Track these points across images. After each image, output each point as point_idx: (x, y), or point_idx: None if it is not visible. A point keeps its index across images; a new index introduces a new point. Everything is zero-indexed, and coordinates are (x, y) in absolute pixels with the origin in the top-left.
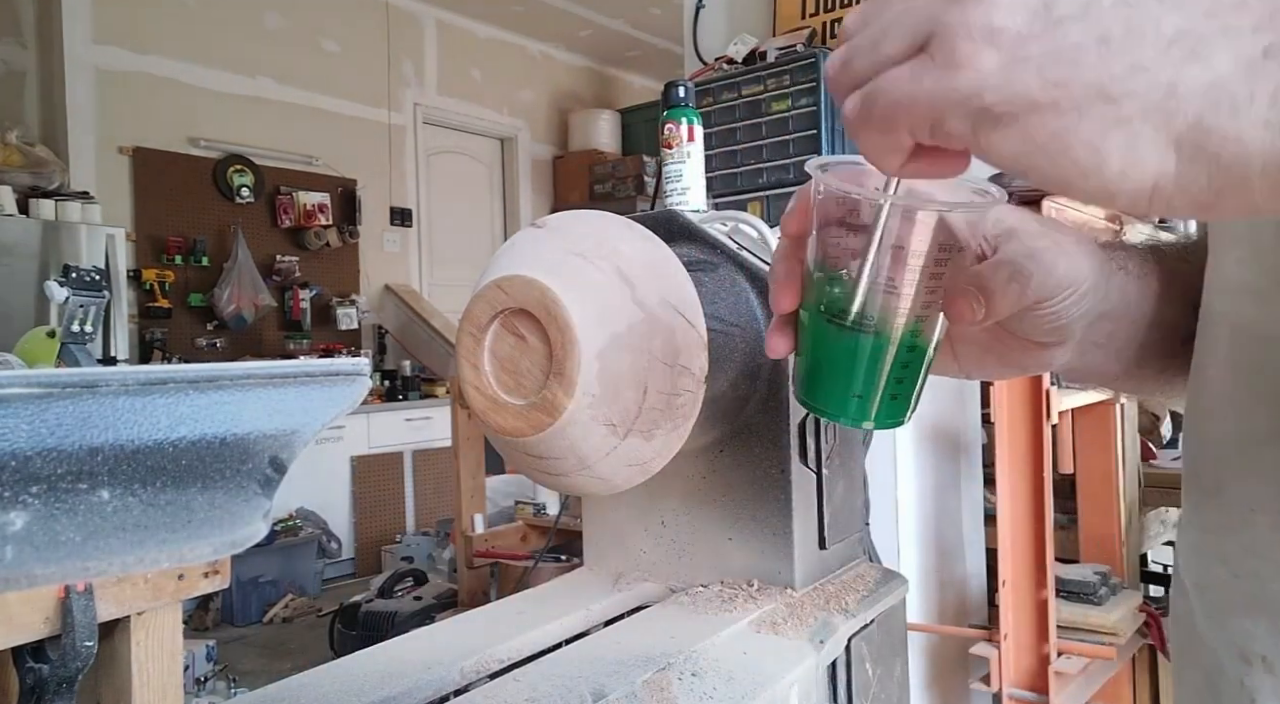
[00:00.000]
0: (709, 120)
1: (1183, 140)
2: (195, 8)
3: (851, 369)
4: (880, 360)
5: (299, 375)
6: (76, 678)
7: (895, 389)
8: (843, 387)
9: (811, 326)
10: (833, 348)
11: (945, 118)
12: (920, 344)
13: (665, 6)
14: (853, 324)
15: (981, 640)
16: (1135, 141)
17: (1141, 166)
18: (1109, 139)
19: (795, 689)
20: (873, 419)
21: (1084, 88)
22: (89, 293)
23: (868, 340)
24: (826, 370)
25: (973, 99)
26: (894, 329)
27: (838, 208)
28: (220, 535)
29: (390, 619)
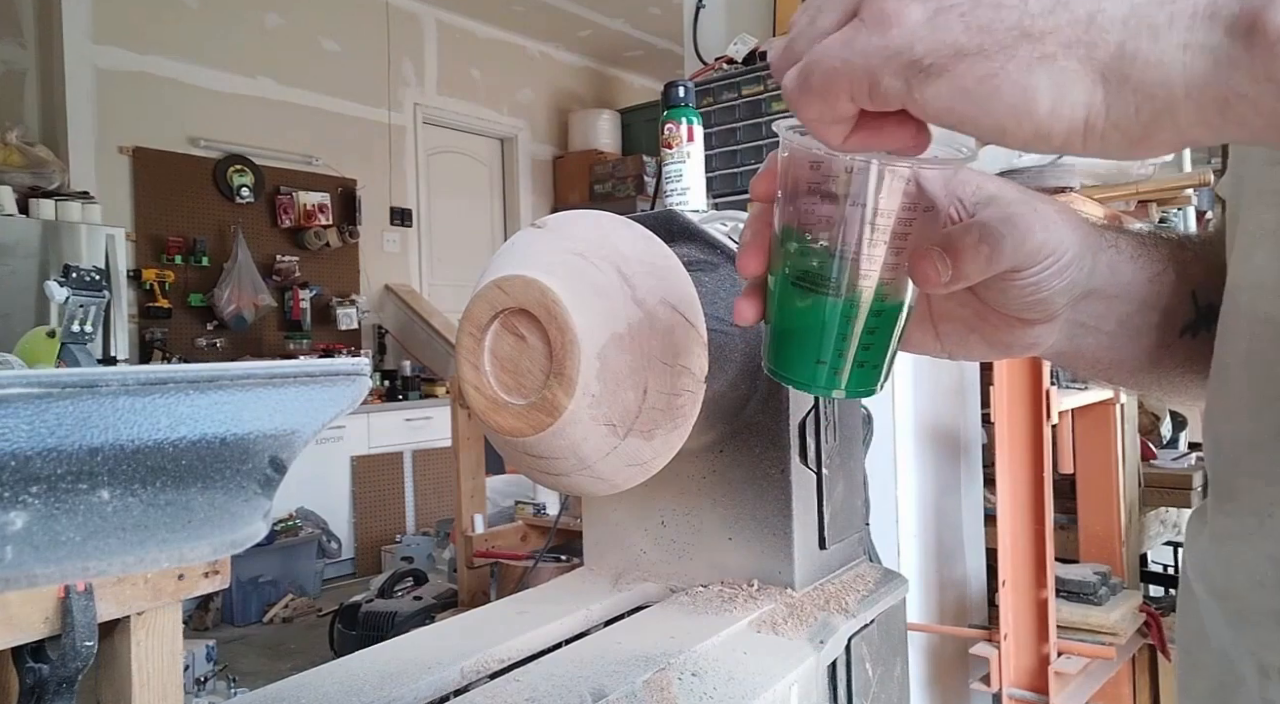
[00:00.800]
0: (709, 120)
1: (1108, 71)
2: (195, 8)
3: (818, 334)
4: (846, 325)
5: (299, 375)
6: (76, 678)
7: (864, 356)
8: (810, 353)
9: (778, 292)
10: (799, 313)
11: (879, 77)
12: (887, 307)
13: (665, 6)
14: (816, 286)
15: (981, 640)
16: (1062, 77)
17: (1071, 102)
18: (1036, 77)
19: (795, 689)
20: (843, 387)
21: (1006, 30)
22: (89, 293)
23: (832, 304)
24: (794, 337)
25: (903, 53)
26: (859, 291)
27: (805, 169)
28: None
29: (390, 619)
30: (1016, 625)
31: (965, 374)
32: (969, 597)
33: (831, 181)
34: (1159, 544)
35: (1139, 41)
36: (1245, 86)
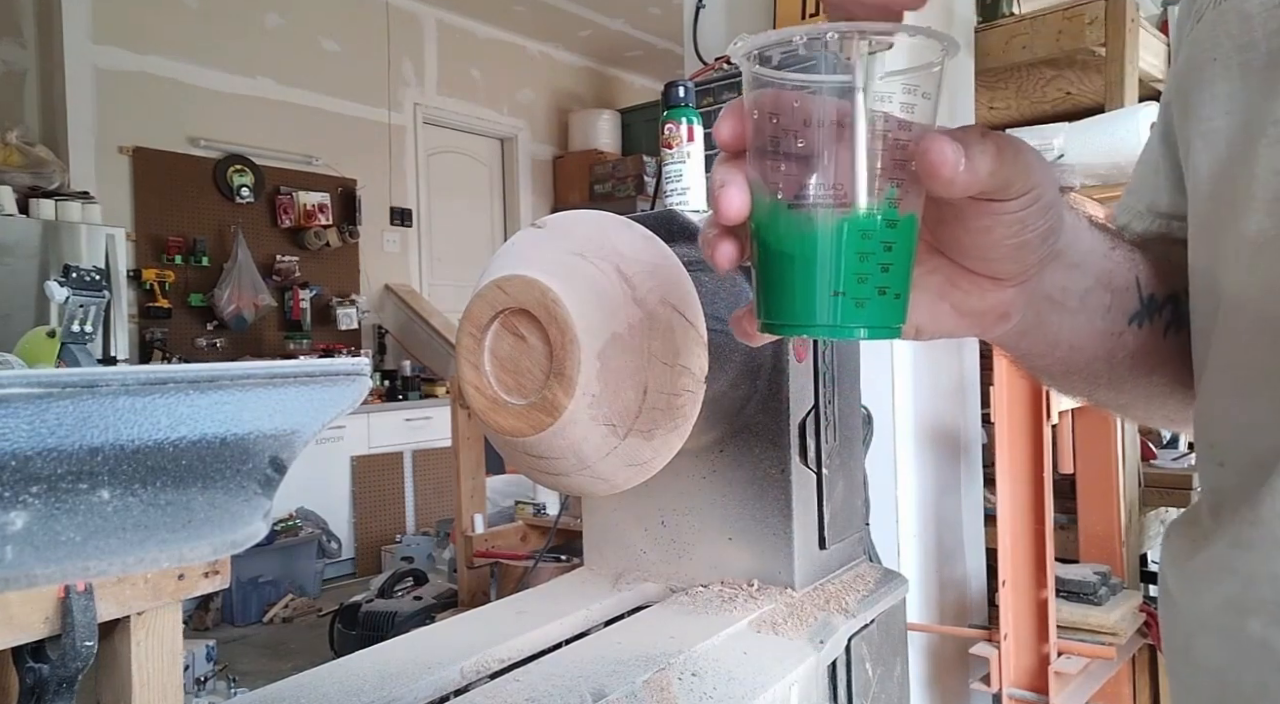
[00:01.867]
0: (709, 120)
1: None
2: (195, 8)
3: (828, 257)
4: (860, 239)
5: (299, 375)
6: (76, 678)
7: (883, 279)
8: (820, 284)
9: (769, 225)
10: (800, 238)
11: None
12: (900, 217)
13: (665, 6)
14: (819, 200)
15: (981, 640)
16: None
17: None
18: None
19: (795, 689)
20: (867, 321)
21: None
22: (89, 293)
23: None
24: (797, 270)
25: None
26: (870, 195)
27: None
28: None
29: (390, 619)
30: (1016, 625)
31: (965, 374)
32: (969, 597)
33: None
34: (1159, 544)
35: None
36: None
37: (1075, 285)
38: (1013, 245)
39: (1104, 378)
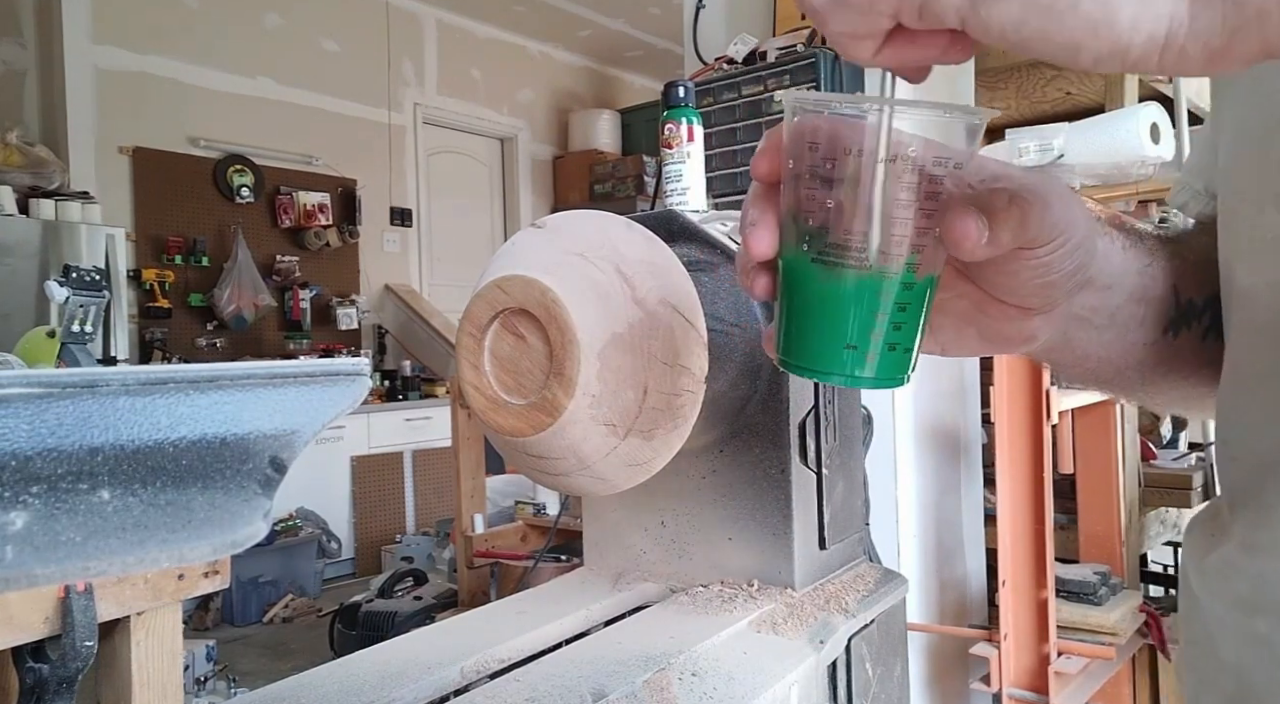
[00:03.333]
0: (709, 120)
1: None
2: (195, 8)
3: (843, 313)
4: (876, 300)
5: (299, 375)
6: (76, 678)
7: (894, 337)
8: (834, 337)
9: (793, 271)
10: (820, 291)
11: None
12: (919, 281)
13: (665, 6)
14: (839, 259)
15: (981, 640)
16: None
17: (1155, 13)
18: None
19: (795, 689)
20: (874, 374)
21: None
22: (89, 293)
23: (860, 276)
24: (814, 320)
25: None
26: (889, 260)
27: (819, 132)
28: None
29: (390, 619)
30: (1016, 625)
31: (965, 374)
32: (969, 597)
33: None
34: (1159, 544)
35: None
36: None
37: (1105, 304)
38: (1039, 284)
39: (1136, 384)
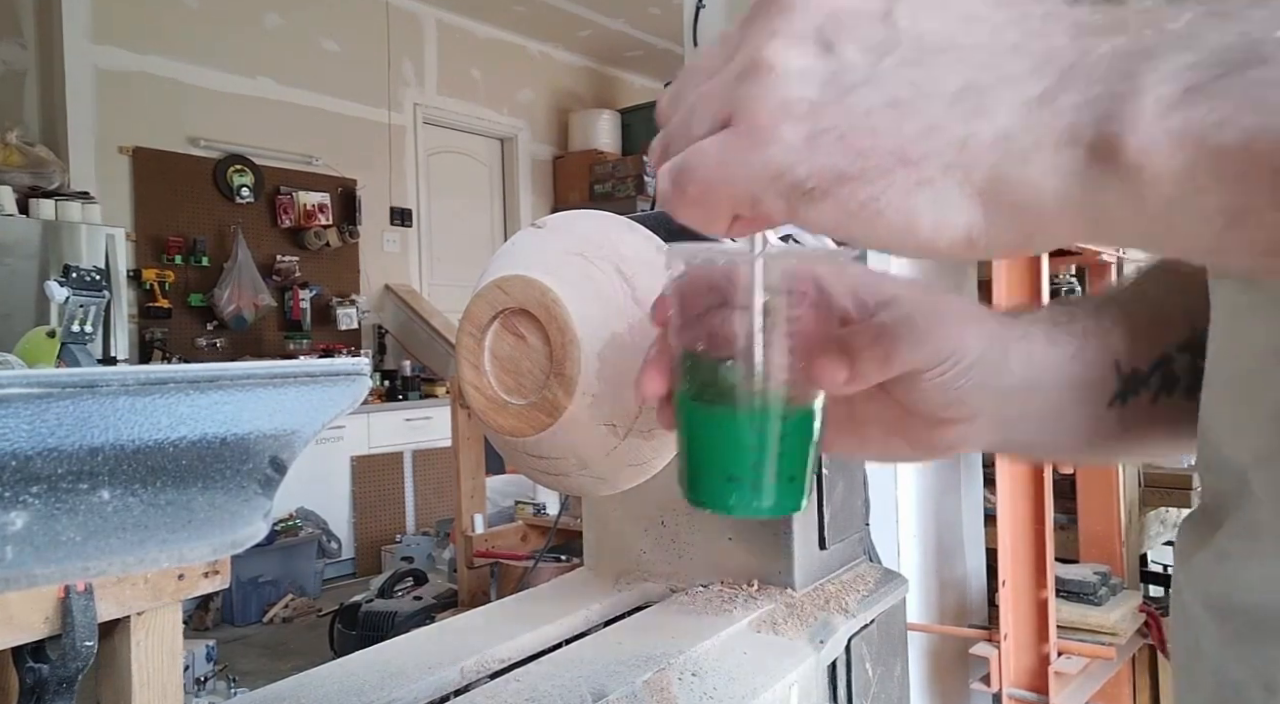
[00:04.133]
0: None
1: (984, 192)
2: (195, 8)
3: (729, 450)
4: (754, 436)
5: (299, 375)
6: (76, 678)
7: (781, 467)
8: (718, 470)
9: (681, 409)
10: (702, 428)
11: (762, 196)
12: (797, 413)
13: (665, 6)
14: (719, 399)
15: (981, 640)
16: (941, 200)
17: (952, 222)
18: (917, 200)
19: (795, 689)
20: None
21: (885, 154)
22: (89, 293)
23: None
24: (700, 456)
25: (785, 175)
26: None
27: (696, 283)
28: (220, 535)
29: (390, 619)
30: (1016, 625)
31: None
32: (969, 597)
33: (724, 287)
34: (1159, 544)
35: (1009, 166)
36: (1112, 205)
37: (1033, 402)
38: (941, 402)
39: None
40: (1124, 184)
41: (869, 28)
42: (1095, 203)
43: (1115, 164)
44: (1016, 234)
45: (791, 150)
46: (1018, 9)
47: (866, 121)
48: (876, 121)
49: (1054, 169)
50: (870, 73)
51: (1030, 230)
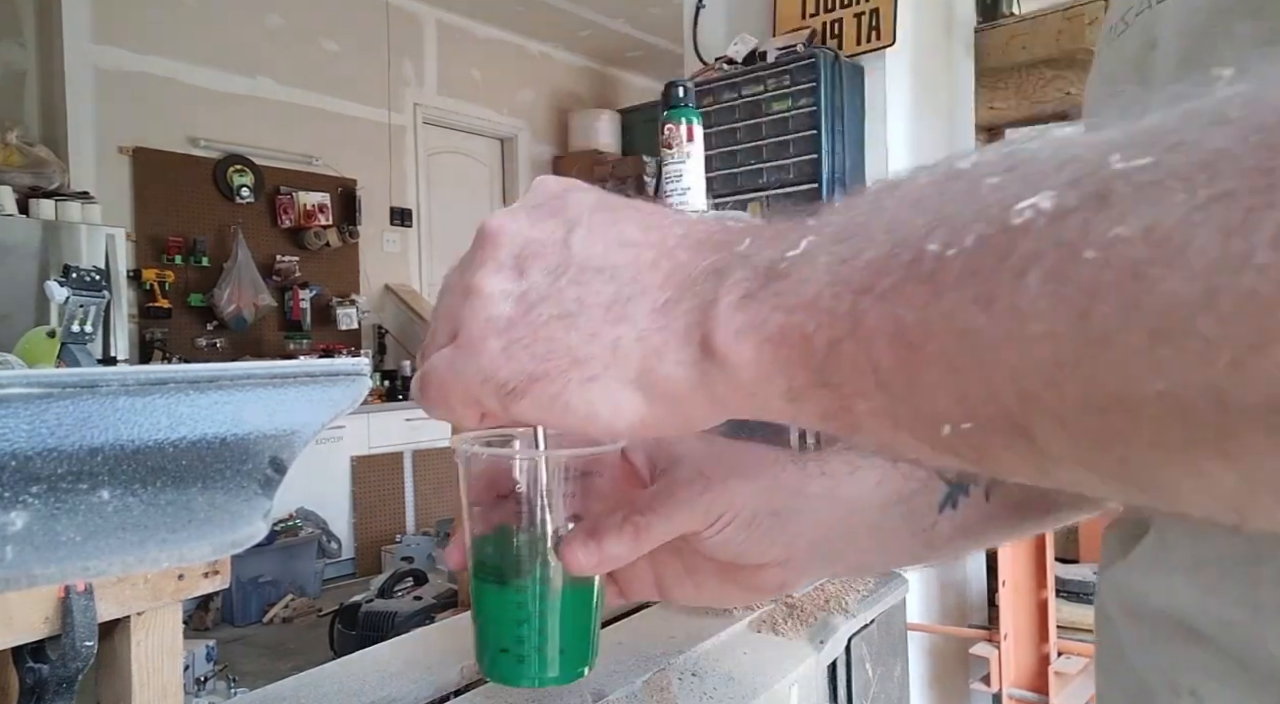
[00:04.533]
0: (709, 120)
1: (638, 383)
2: (195, 8)
3: (496, 622)
4: (513, 610)
5: (299, 375)
6: (76, 678)
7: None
8: (493, 642)
9: (473, 590)
10: (479, 602)
11: (479, 396)
12: (579, 587)
13: (665, 6)
14: (487, 574)
15: (981, 640)
16: (610, 392)
17: (623, 409)
18: (592, 393)
19: (795, 689)
20: (533, 675)
21: (561, 357)
22: (89, 293)
23: (503, 590)
24: (479, 628)
25: (491, 379)
26: (540, 574)
27: (477, 473)
28: (220, 535)
29: (390, 619)
30: (1016, 625)
31: None
32: (969, 597)
33: (497, 477)
34: None
35: (651, 361)
36: (722, 390)
37: (852, 528)
38: (735, 554)
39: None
40: (722, 372)
41: (550, 253)
42: (712, 388)
43: (714, 357)
44: (675, 415)
45: (494, 359)
46: (659, 232)
47: (545, 331)
48: (552, 331)
49: (680, 362)
50: (548, 290)
51: (683, 411)
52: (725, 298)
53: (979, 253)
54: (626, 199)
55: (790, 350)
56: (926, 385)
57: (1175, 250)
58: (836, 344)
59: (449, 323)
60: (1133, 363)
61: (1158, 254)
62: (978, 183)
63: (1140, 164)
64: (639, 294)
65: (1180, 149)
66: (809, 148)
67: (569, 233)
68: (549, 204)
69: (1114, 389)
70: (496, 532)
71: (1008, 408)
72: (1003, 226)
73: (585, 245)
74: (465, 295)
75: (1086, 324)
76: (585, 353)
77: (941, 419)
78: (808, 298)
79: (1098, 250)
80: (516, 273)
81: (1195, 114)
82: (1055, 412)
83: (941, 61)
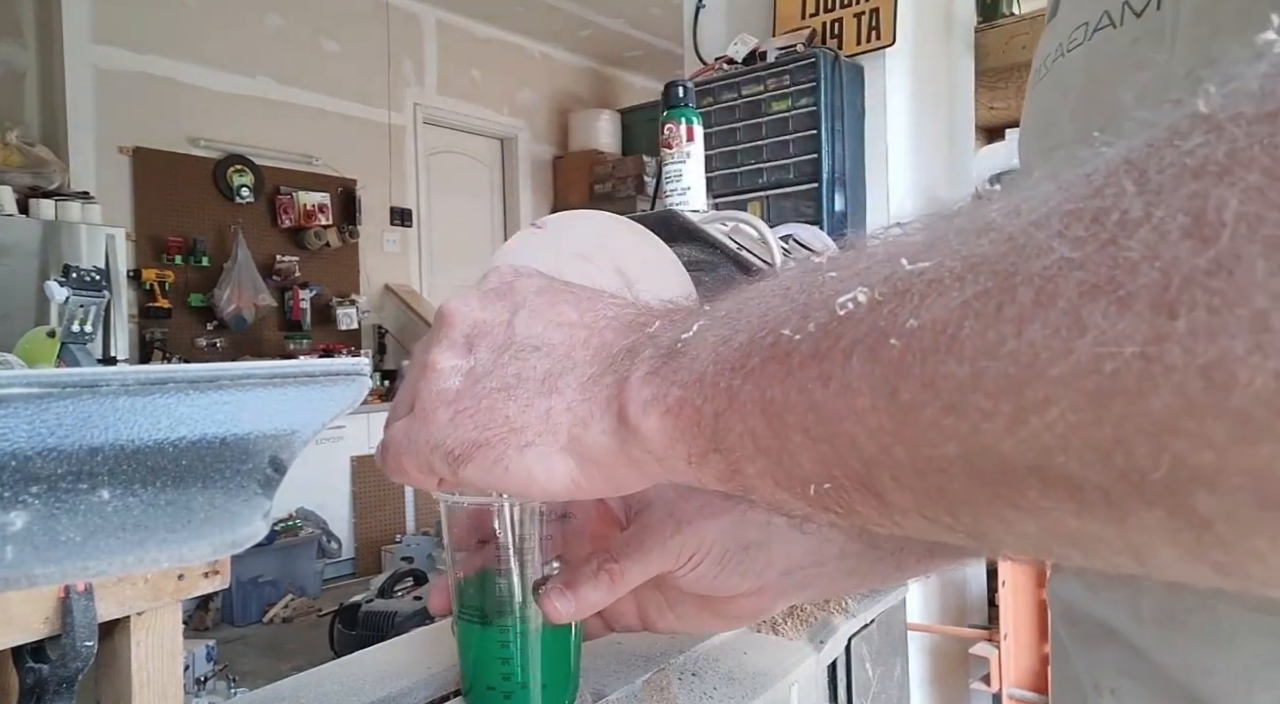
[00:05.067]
0: (709, 120)
1: (569, 449)
2: (195, 8)
3: (480, 661)
4: (497, 649)
5: (299, 375)
6: (76, 678)
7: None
8: (480, 681)
9: (459, 632)
10: (464, 642)
11: (430, 462)
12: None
13: (665, 6)
14: (471, 615)
15: (981, 640)
16: (544, 457)
17: (556, 472)
18: (527, 458)
19: (795, 689)
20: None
21: (500, 425)
22: (89, 293)
23: (485, 630)
24: (464, 667)
25: (440, 446)
26: (523, 613)
27: (456, 523)
28: (220, 535)
29: (390, 619)
30: (1016, 625)
31: None
32: (969, 597)
33: (474, 527)
34: None
35: (578, 429)
36: (640, 456)
37: (824, 551)
38: (709, 588)
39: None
40: (635, 439)
41: (496, 333)
42: (629, 453)
43: (628, 426)
44: (603, 477)
45: (442, 428)
46: (592, 314)
47: (487, 402)
48: (494, 402)
49: (603, 431)
50: (492, 365)
51: (609, 474)
52: (635, 373)
53: (818, 337)
54: (566, 285)
55: (686, 421)
56: (792, 450)
57: (950, 338)
58: (721, 415)
59: (409, 396)
60: (934, 431)
61: (939, 341)
62: (824, 276)
63: (924, 266)
64: (570, 369)
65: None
66: (809, 148)
67: (514, 314)
68: (499, 288)
69: (926, 453)
70: (479, 575)
71: (855, 469)
72: (832, 315)
73: (526, 325)
74: (422, 370)
75: (897, 399)
76: (521, 421)
77: (809, 479)
78: (696, 374)
79: (899, 338)
80: (466, 350)
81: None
82: (891, 472)
83: (941, 61)
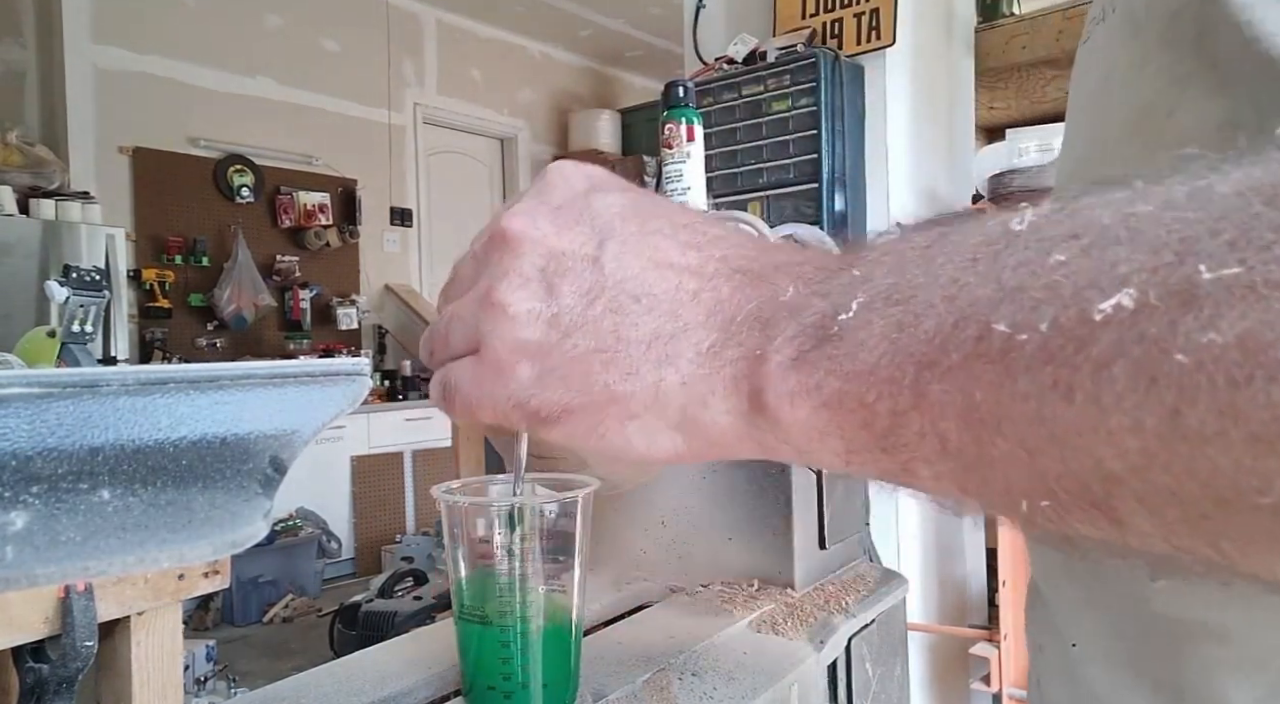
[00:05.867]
0: (709, 120)
1: (679, 426)
2: (195, 8)
3: (481, 661)
4: (497, 649)
5: (299, 375)
6: (76, 678)
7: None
8: (481, 681)
9: (459, 631)
10: (464, 642)
11: (509, 416)
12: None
13: (665, 6)
14: (471, 616)
15: (981, 640)
16: (647, 429)
17: (660, 445)
18: (629, 430)
19: (795, 689)
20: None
21: (599, 391)
22: (89, 293)
23: (485, 629)
24: (465, 667)
25: (524, 405)
26: (510, 615)
27: (461, 522)
28: (220, 535)
29: (390, 619)
30: (1016, 625)
31: None
32: (969, 597)
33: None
34: None
35: (694, 408)
36: (771, 441)
37: None
38: None
39: None
40: (775, 427)
41: (582, 271)
42: (760, 439)
43: (765, 413)
44: (713, 452)
45: (525, 386)
46: (697, 253)
47: (582, 365)
48: (589, 365)
49: (726, 411)
50: (582, 317)
51: (722, 450)
52: (775, 356)
53: (1054, 339)
54: (652, 199)
55: (848, 415)
56: (994, 459)
57: (1275, 362)
58: (900, 415)
59: (466, 329)
60: (1230, 465)
61: (1256, 363)
62: (1043, 256)
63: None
64: (680, 332)
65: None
66: (809, 148)
67: (600, 248)
68: (573, 206)
69: (1209, 485)
70: (479, 575)
71: (1090, 489)
72: (1080, 315)
73: (619, 264)
74: (487, 307)
75: (1179, 422)
76: (624, 390)
77: (1015, 492)
78: (866, 366)
79: (1188, 355)
80: (545, 290)
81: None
82: (1140, 496)
83: (941, 61)
